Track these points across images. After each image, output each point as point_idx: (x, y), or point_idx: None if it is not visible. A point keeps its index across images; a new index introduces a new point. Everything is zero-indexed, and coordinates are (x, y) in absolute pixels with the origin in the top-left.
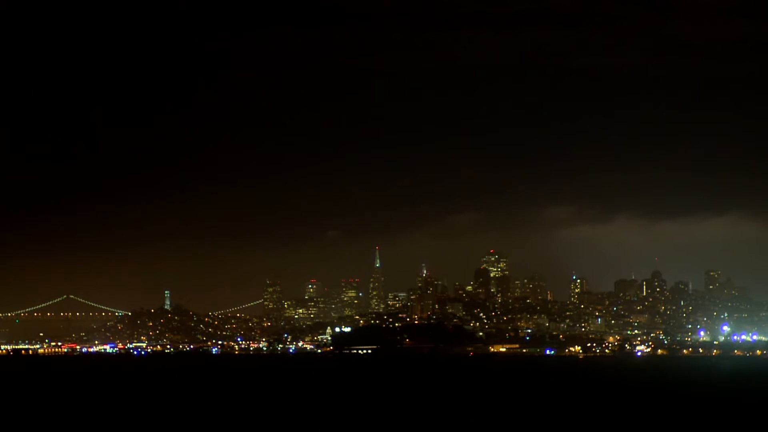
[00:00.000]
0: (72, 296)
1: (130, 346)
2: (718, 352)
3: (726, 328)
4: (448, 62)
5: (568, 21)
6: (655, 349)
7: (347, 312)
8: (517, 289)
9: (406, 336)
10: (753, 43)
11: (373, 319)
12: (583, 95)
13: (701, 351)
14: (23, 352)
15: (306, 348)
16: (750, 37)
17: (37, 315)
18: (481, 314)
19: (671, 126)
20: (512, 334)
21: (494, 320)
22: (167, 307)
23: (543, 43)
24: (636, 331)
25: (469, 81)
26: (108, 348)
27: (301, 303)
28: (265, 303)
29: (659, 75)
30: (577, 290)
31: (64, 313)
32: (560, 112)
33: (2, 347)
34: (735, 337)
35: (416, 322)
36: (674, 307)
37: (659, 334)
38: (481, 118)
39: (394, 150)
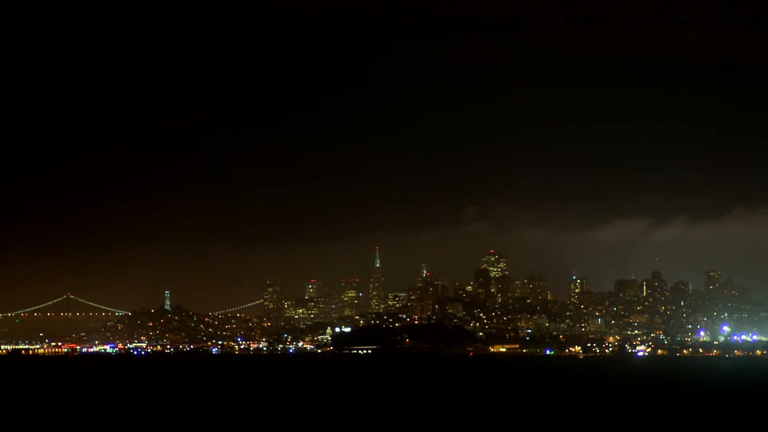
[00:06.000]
0: (72, 296)
1: (130, 346)
2: (718, 352)
3: (726, 328)
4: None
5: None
6: (655, 349)
7: (347, 312)
8: (517, 289)
9: (406, 336)
10: (676, 48)
11: (373, 319)
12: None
13: (701, 351)
14: (23, 352)
15: (306, 348)
16: (675, 44)
17: (37, 315)
18: (481, 314)
19: (673, 127)
20: (512, 334)
21: (494, 320)
22: (167, 307)
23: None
24: (636, 331)
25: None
26: (108, 348)
27: (301, 303)
28: (265, 303)
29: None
30: (577, 290)
31: (64, 313)
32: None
33: (2, 347)
34: (735, 337)
35: (416, 322)
36: (674, 307)
37: (659, 334)
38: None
39: (394, 150)
